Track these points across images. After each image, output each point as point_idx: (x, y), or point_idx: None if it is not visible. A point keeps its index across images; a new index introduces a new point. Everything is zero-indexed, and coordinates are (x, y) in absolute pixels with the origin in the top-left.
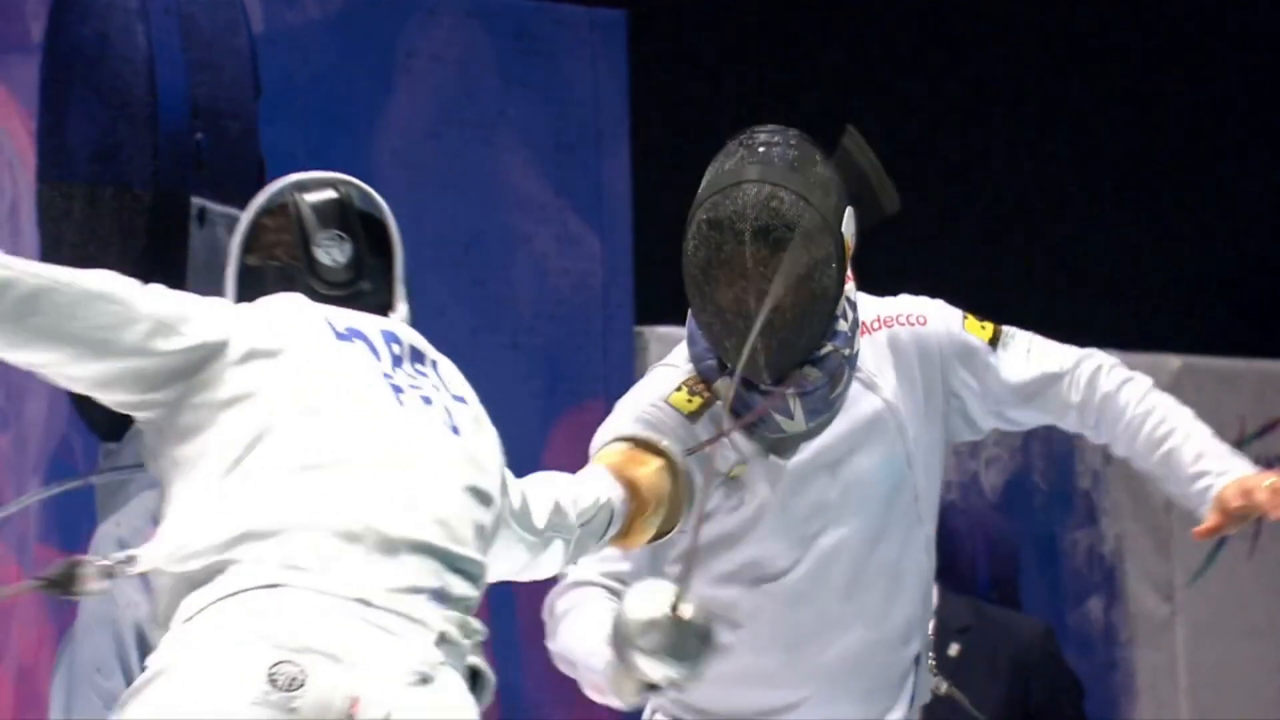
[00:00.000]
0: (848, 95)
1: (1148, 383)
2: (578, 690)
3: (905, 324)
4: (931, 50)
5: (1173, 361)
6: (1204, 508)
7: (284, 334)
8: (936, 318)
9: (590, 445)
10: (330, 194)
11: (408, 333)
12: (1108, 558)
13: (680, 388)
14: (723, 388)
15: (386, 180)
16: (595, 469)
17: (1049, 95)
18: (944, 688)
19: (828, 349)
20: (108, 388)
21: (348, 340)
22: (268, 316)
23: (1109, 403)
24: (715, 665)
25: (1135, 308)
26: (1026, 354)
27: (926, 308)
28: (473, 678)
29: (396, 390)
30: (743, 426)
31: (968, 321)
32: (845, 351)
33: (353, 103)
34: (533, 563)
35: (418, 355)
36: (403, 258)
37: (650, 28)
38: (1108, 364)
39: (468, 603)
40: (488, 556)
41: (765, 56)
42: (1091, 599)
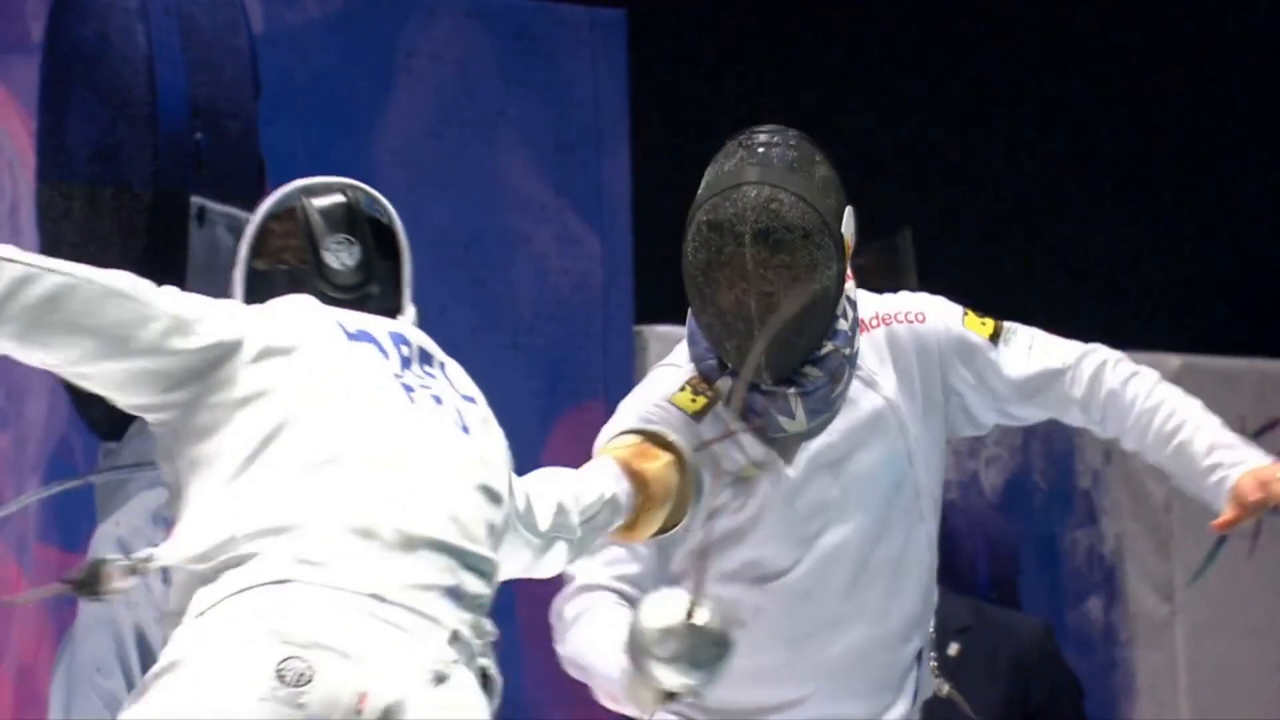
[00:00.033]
0: (848, 95)
1: (1154, 376)
2: (578, 690)
3: (904, 321)
4: (931, 50)
5: (1173, 361)
6: (1219, 500)
7: (296, 333)
8: (935, 315)
9: (594, 445)
10: (338, 198)
11: (416, 335)
12: (1108, 557)
13: (684, 387)
14: (724, 387)
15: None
16: (602, 461)
17: (1049, 95)
18: (945, 689)
19: (828, 348)
20: (124, 388)
21: (359, 341)
22: (280, 316)
23: (1115, 398)
24: None
25: (1135, 308)
26: (1028, 350)
27: (925, 305)
28: (481, 679)
29: (408, 390)
30: (747, 425)
31: (967, 318)
32: (845, 351)
33: (353, 103)
34: (536, 564)
35: (426, 357)
36: (410, 261)
37: (650, 28)
38: (1112, 359)
39: (481, 600)
40: (498, 555)
41: (765, 56)
42: (1091, 599)
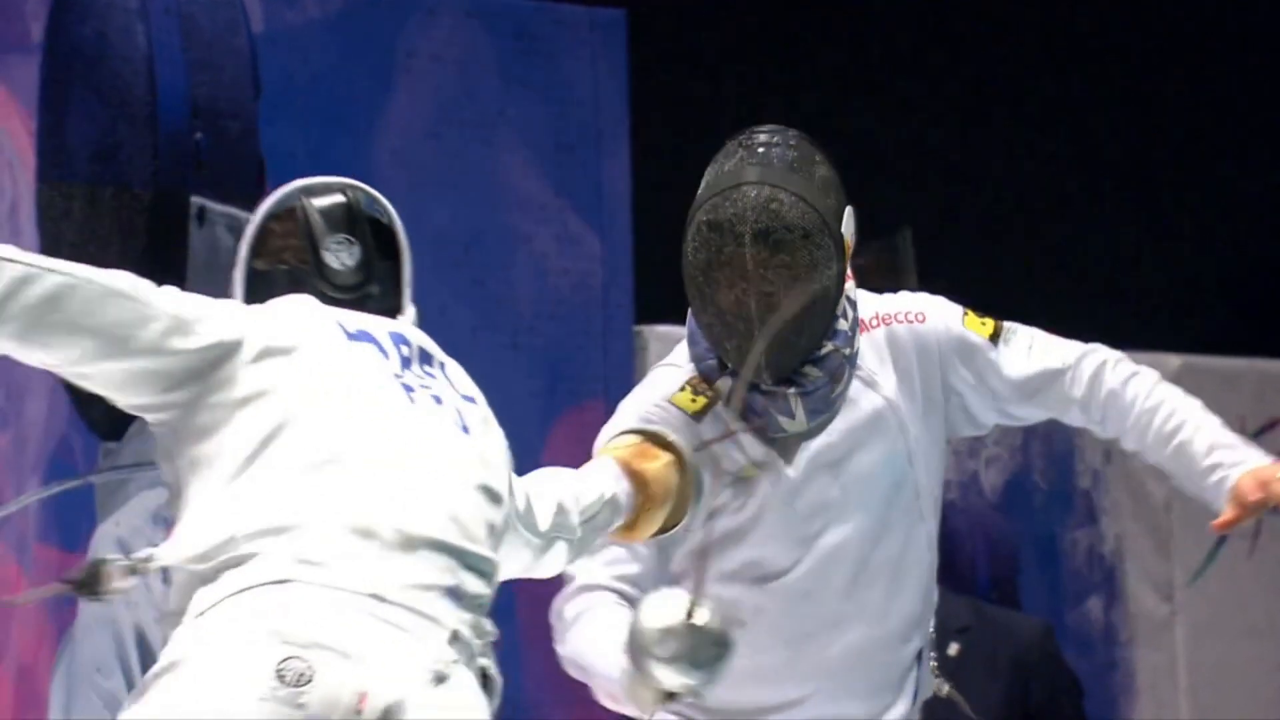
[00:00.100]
0: (848, 95)
1: (1154, 376)
2: (578, 690)
3: (904, 321)
4: (931, 50)
5: (1173, 361)
6: (1219, 500)
7: (296, 333)
8: (935, 314)
9: (594, 445)
10: (338, 198)
11: (416, 335)
12: (1108, 557)
13: (684, 387)
14: (724, 387)
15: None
16: (602, 461)
17: (1049, 95)
18: (945, 690)
19: (828, 348)
20: (124, 388)
21: (359, 341)
22: (280, 316)
23: (1115, 398)
24: None
25: (1135, 308)
26: (1028, 350)
27: (925, 305)
28: (481, 679)
29: (408, 389)
30: (748, 426)
31: (967, 318)
32: (845, 351)
33: (353, 103)
34: (536, 564)
35: (426, 357)
36: (410, 261)
37: (650, 28)
38: (1112, 359)
39: (481, 600)
40: (498, 555)
41: (765, 56)
42: (1091, 599)
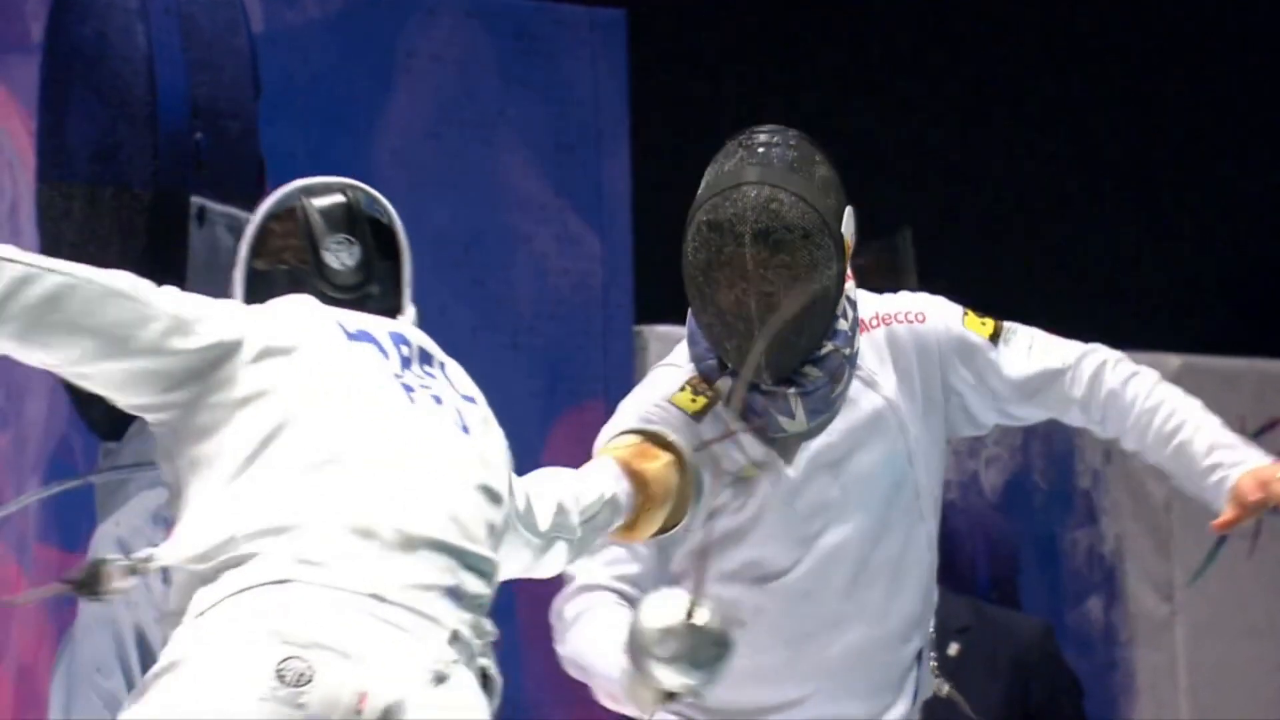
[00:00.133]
0: (848, 95)
1: (1154, 376)
2: (578, 690)
3: (903, 321)
4: (931, 50)
5: (1173, 361)
6: (1219, 500)
7: (296, 333)
8: (935, 314)
9: (594, 445)
10: (338, 198)
11: (416, 335)
12: (1108, 557)
13: (684, 388)
14: (724, 387)
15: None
16: (602, 461)
17: (1049, 95)
18: (945, 690)
19: (828, 348)
20: (124, 389)
21: (359, 341)
22: (280, 316)
23: (1115, 398)
24: None
25: (1135, 308)
26: (1028, 350)
27: (925, 305)
28: (481, 679)
29: (408, 389)
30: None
31: (967, 318)
32: (845, 351)
33: (353, 103)
34: (536, 564)
35: (426, 357)
36: (410, 261)
37: (650, 28)
38: (1112, 359)
39: (481, 600)
40: (498, 555)
41: (765, 56)
42: (1091, 599)
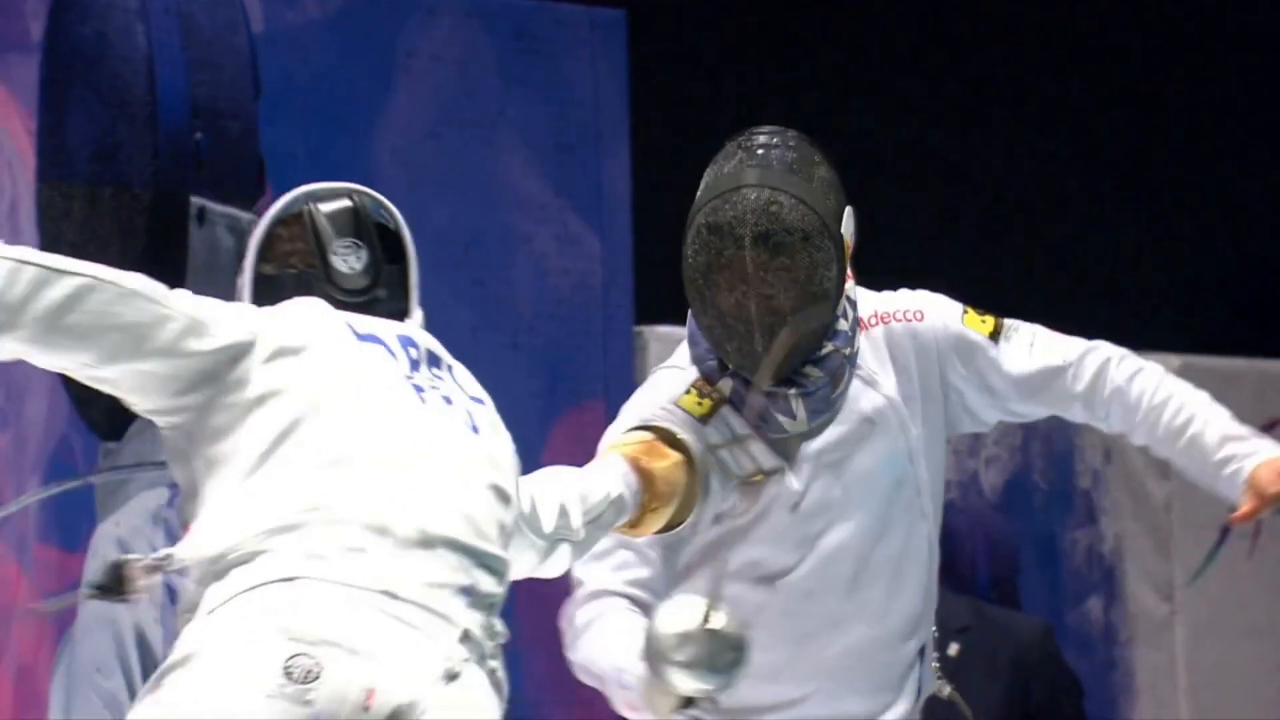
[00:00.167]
0: (848, 95)
1: (1159, 370)
2: (578, 690)
3: (902, 320)
4: (931, 50)
5: (1173, 361)
6: (1233, 493)
7: (307, 334)
8: (934, 313)
9: (597, 449)
10: (345, 203)
11: (424, 337)
12: (1107, 557)
13: (689, 390)
14: (726, 388)
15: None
16: (610, 458)
17: (1049, 95)
18: (946, 691)
19: (828, 349)
20: (139, 391)
21: (368, 343)
22: (290, 318)
23: (1121, 394)
24: None
25: (1135, 308)
26: (1029, 347)
27: (924, 303)
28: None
29: (418, 390)
30: (753, 428)
31: (967, 316)
32: (846, 351)
33: (353, 103)
34: (541, 565)
35: (434, 359)
36: (416, 265)
37: (650, 28)
38: (1116, 356)
39: (493, 600)
40: (508, 555)
41: (765, 56)
42: (1091, 598)
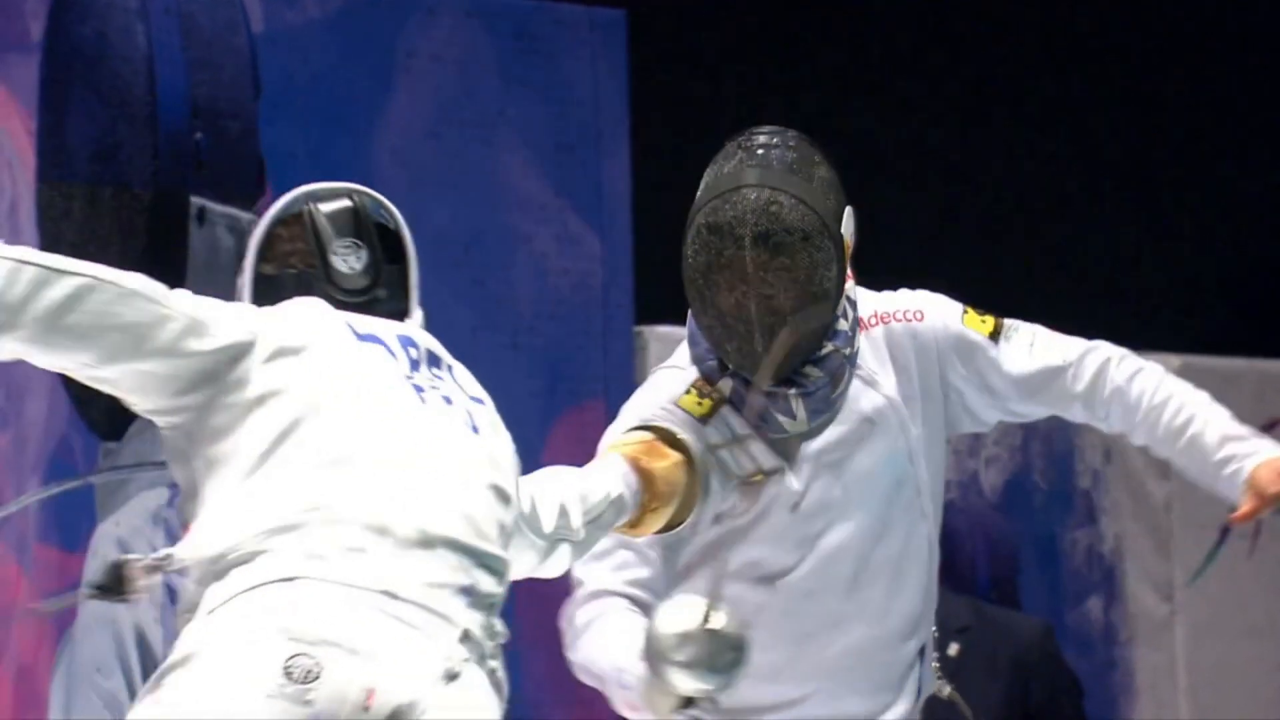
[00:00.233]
0: (848, 95)
1: (1159, 370)
2: (578, 690)
3: (901, 320)
4: (931, 50)
5: (1173, 361)
6: (1233, 493)
7: (307, 334)
8: (934, 313)
9: (597, 449)
10: (345, 203)
11: (424, 337)
12: (1107, 557)
13: (689, 390)
14: (726, 388)
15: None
16: (610, 458)
17: (1049, 95)
18: (946, 691)
19: (828, 349)
20: (139, 391)
21: (368, 342)
22: (290, 318)
23: (1121, 394)
24: None
25: (1135, 308)
26: (1029, 347)
27: (924, 303)
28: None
29: (418, 390)
30: (753, 429)
31: (967, 316)
32: (846, 351)
33: (353, 103)
34: (540, 565)
35: (434, 359)
36: (416, 265)
37: (650, 28)
38: (1116, 356)
39: (493, 600)
40: (509, 555)
41: (765, 56)
42: (1091, 599)
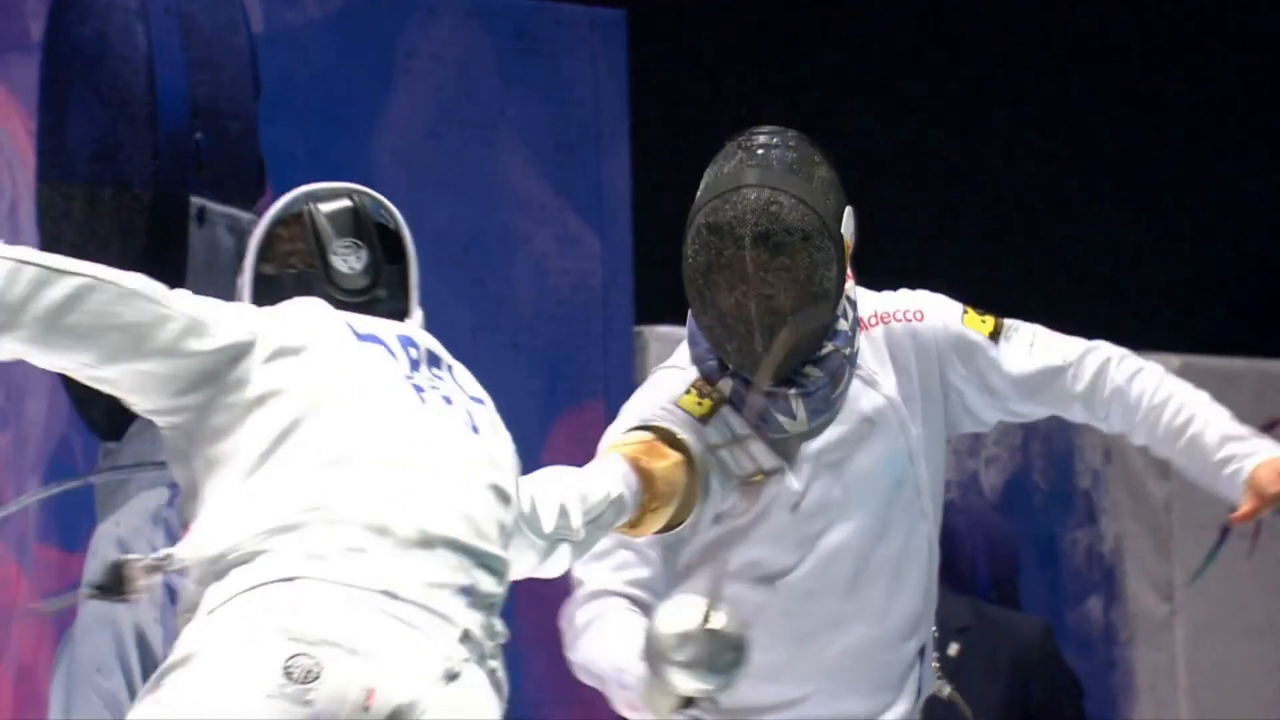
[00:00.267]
0: (848, 95)
1: (1159, 370)
2: (578, 690)
3: (901, 320)
4: (931, 50)
5: (1173, 361)
6: (1233, 493)
7: (307, 334)
8: (934, 313)
9: (597, 449)
10: (345, 203)
11: (424, 337)
12: (1107, 557)
13: (689, 390)
14: (726, 388)
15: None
16: (610, 458)
17: (1049, 95)
18: (946, 691)
19: (828, 349)
20: (139, 391)
21: (368, 342)
22: (290, 318)
23: (1121, 394)
24: None
25: (1135, 308)
26: (1029, 347)
27: (924, 303)
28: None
29: (418, 390)
30: (753, 429)
31: (967, 316)
32: (846, 351)
33: (353, 103)
34: (540, 565)
35: (434, 359)
36: (416, 265)
37: (650, 28)
38: (1116, 356)
39: (493, 600)
40: (508, 555)
41: (765, 56)
42: (1091, 598)
